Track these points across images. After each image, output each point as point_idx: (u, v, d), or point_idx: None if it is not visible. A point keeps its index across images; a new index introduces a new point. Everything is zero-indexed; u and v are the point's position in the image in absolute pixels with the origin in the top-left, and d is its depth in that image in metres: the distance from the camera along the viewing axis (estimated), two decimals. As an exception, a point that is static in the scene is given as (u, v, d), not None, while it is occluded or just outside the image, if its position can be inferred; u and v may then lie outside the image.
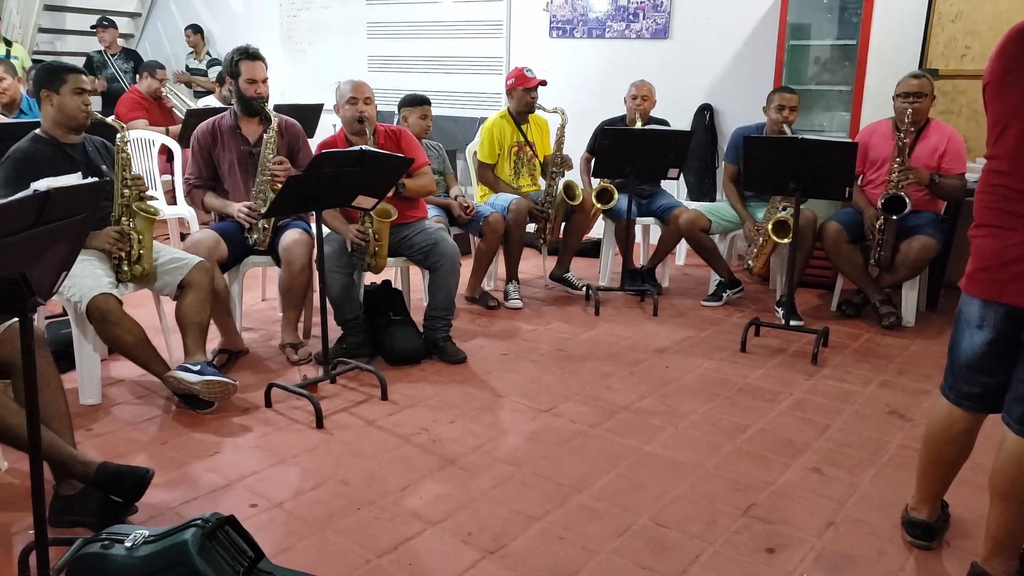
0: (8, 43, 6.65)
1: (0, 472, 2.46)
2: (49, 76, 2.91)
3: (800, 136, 3.61)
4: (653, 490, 2.42)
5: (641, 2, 5.58)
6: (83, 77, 2.95)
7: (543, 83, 4.38)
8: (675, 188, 5.14)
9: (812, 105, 5.00)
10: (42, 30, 7.85)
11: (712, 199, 5.24)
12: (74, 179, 2.91)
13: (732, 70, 5.34)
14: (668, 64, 5.51)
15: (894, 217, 3.74)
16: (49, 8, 7.78)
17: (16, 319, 1.75)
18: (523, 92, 4.36)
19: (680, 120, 5.30)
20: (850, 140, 4.13)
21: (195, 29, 7.50)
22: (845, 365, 3.50)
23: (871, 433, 2.83)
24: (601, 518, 2.26)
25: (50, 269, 1.78)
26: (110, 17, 7.13)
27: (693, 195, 5.40)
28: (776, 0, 4.89)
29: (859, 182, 4.11)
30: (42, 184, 2.27)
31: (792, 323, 3.77)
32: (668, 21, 5.51)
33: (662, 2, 5.50)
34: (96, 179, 2.90)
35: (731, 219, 4.34)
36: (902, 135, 3.74)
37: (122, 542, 1.70)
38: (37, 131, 2.99)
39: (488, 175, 4.48)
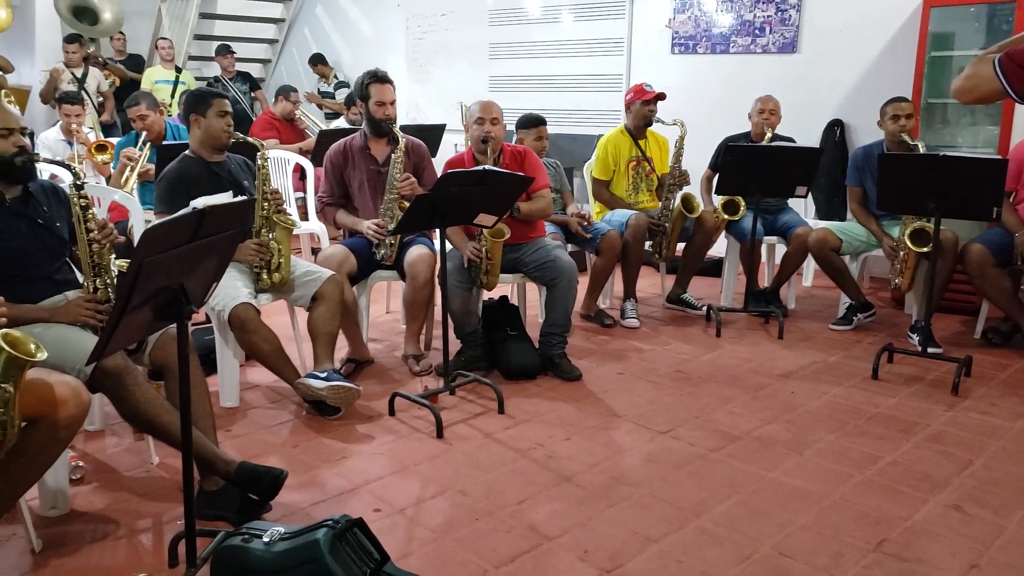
0: (179, 70, 7.32)
1: (151, 466, 2.67)
2: (197, 101, 3.20)
3: (941, 152, 3.42)
4: (776, 518, 2.34)
5: (768, 16, 5.44)
6: (226, 101, 3.22)
7: (661, 96, 4.35)
8: (802, 207, 4.97)
9: (955, 120, 4.72)
10: (191, 58, 8.52)
11: (842, 218, 5.02)
12: (226, 197, 3.13)
13: (865, 84, 5.12)
14: (796, 79, 5.34)
15: None
16: (199, 37, 8.44)
17: (171, 325, 1.91)
18: (641, 105, 4.34)
19: (808, 137, 5.12)
20: (998, 156, 3.86)
21: (316, 60, 7.93)
22: (991, 397, 3.26)
23: (1021, 472, 2.62)
24: (721, 544, 2.20)
25: (203, 280, 1.93)
26: (228, 44, 7.65)
27: (821, 214, 5.20)
28: (916, 9, 4.66)
29: (1011, 200, 3.83)
30: (199, 202, 2.46)
31: (930, 350, 3.55)
32: (796, 35, 5.35)
33: (790, 15, 5.35)
34: (246, 197, 3.12)
35: (863, 238, 4.14)
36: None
37: (260, 537, 1.81)
38: (187, 152, 3.26)
39: (603, 192, 4.47)
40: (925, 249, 3.66)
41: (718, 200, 4.41)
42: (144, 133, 4.56)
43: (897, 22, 4.94)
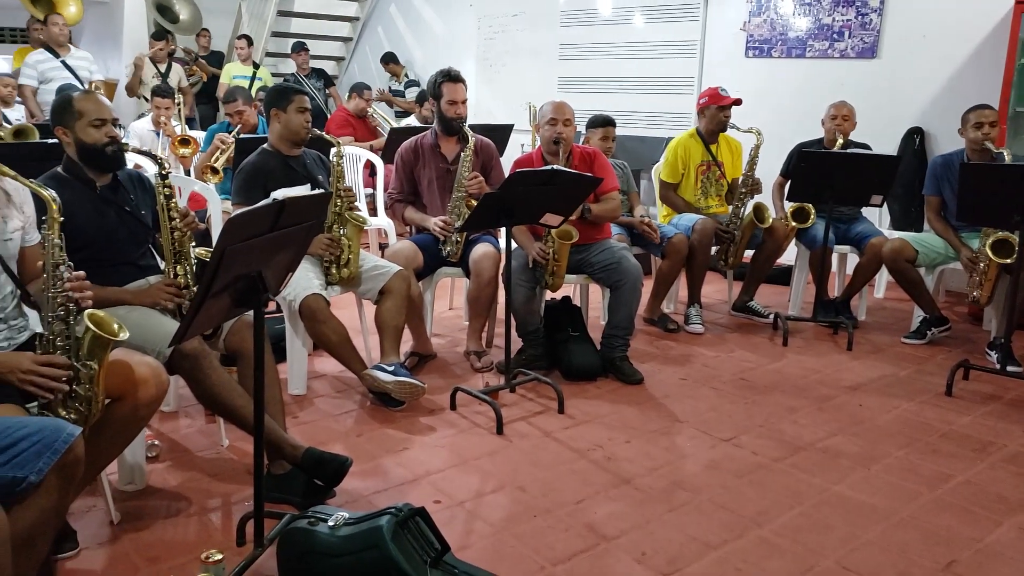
0: (256, 66, 7.57)
1: (222, 448, 2.76)
2: (279, 96, 3.28)
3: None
4: (840, 532, 2.28)
5: (847, 20, 5.30)
6: (306, 98, 3.29)
7: (738, 102, 4.28)
8: (876, 216, 4.83)
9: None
10: (268, 54, 8.77)
11: (919, 229, 4.85)
12: (304, 190, 3.22)
13: (949, 91, 4.94)
14: (875, 85, 5.18)
15: None
16: (276, 34, 8.69)
17: (246, 312, 1.98)
18: (716, 111, 4.28)
19: (885, 144, 4.97)
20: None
21: (388, 58, 8.08)
22: (1074, 420, 3.11)
23: (1105, 499, 2.50)
24: (782, 554, 2.17)
25: (279, 269, 2.00)
26: (303, 41, 7.85)
27: (897, 224, 5.03)
28: (1007, 13, 4.48)
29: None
30: (279, 194, 2.54)
31: (1009, 368, 3.41)
32: (877, 40, 5.19)
33: (871, 20, 5.20)
34: (323, 191, 3.20)
35: (940, 250, 4.00)
36: None
37: (326, 521, 1.86)
38: (265, 145, 3.36)
39: (670, 195, 4.43)
40: (1008, 261, 3.51)
41: (788, 207, 4.32)
42: (239, 126, 4.75)
43: (986, 27, 4.75)
